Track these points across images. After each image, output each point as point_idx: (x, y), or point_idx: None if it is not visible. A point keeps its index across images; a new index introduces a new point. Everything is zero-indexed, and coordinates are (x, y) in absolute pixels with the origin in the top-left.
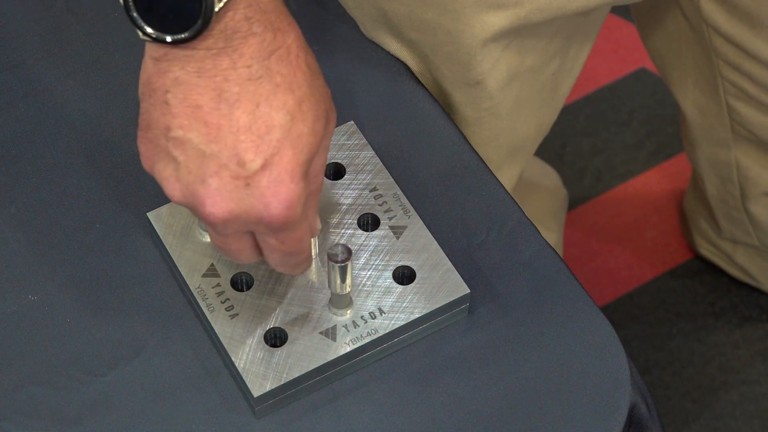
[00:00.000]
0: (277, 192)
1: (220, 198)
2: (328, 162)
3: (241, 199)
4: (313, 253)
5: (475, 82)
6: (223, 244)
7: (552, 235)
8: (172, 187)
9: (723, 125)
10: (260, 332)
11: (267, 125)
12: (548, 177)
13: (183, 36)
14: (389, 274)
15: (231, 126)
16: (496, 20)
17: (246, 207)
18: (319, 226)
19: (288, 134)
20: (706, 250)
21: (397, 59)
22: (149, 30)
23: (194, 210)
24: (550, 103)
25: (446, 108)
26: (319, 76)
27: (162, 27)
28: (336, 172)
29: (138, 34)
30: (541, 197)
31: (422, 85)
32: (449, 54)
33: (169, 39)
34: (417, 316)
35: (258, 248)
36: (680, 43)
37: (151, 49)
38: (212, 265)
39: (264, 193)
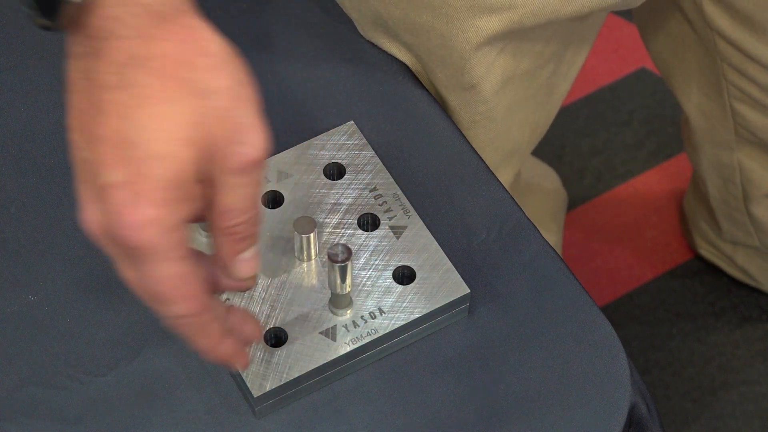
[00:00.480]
0: (130, 211)
1: (88, 207)
2: (328, 162)
3: (103, 212)
4: (313, 254)
5: (469, 86)
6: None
7: (551, 236)
8: (77, 185)
9: (726, 128)
10: (260, 332)
11: (129, 141)
12: (548, 179)
13: (38, 15)
14: (389, 274)
15: (98, 135)
16: (489, 24)
17: (108, 222)
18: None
19: (149, 154)
20: (706, 251)
21: (397, 59)
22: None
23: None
24: (545, 107)
25: None
26: (210, 97)
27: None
28: (336, 172)
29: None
30: (540, 199)
31: (422, 85)
32: (443, 57)
33: (27, 11)
34: (417, 316)
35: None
36: (684, 46)
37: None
38: None
39: (120, 210)
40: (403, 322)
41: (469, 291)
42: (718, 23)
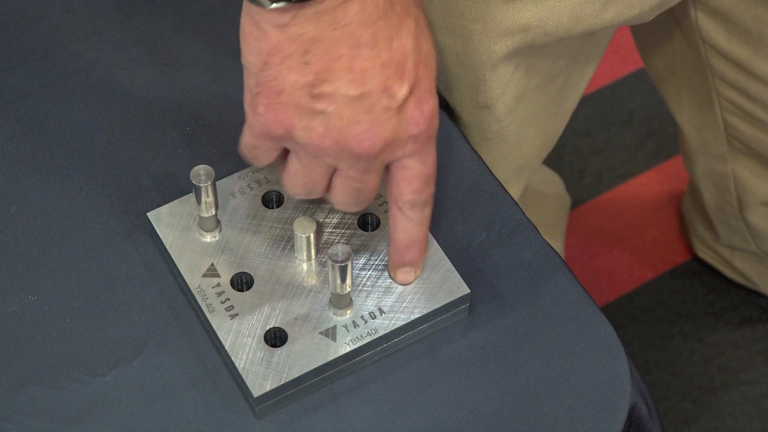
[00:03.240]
0: (423, 110)
1: (376, 131)
2: None
3: (394, 127)
4: (313, 254)
5: (484, 105)
6: (308, 176)
7: (555, 243)
8: (320, 138)
9: (719, 140)
10: (260, 332)
11: (403, 54)
12: (552, 185)
13: None
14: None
15: (375, 66)
16: (503, 47)
17: (398, 132)
18: None
19: (419, 56)
20: (704, 254)
21: None
22: (274, 6)
23: (346, 152)
24: (555, 120)
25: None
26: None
27: None
28: None
29: (264, 6)
30: (544, 205)
31: None
32: (458, 76)
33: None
34: (417, 316)
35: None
36: (676, 60)
37: (274, 19)
38: (212, 265)
39: (413, 115)
40: (403, 322)
41: (469, 291)
42: (712, 36)
